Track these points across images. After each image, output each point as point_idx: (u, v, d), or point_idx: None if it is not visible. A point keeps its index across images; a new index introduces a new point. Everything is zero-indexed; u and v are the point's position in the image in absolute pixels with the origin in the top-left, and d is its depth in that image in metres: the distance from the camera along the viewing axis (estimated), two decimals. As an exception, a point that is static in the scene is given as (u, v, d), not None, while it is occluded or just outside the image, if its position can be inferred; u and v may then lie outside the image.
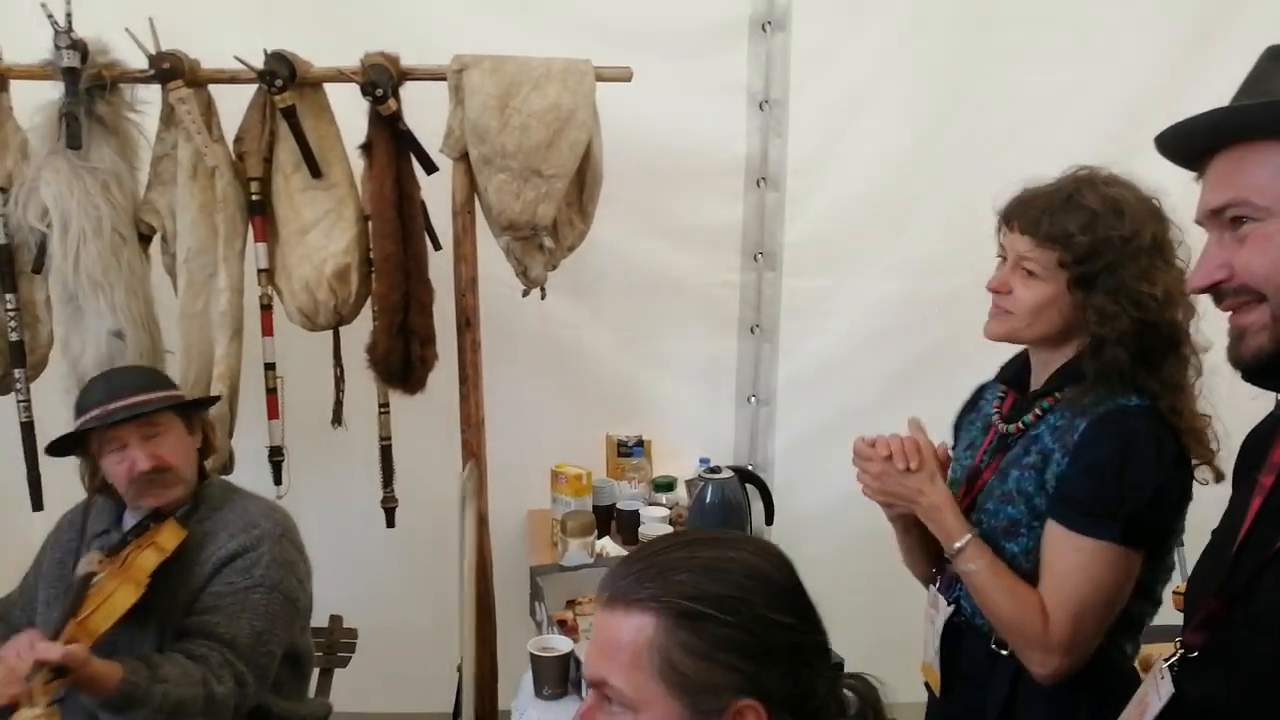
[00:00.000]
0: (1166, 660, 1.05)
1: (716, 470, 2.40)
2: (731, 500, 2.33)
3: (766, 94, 2.67)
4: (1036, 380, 1.51)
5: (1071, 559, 1.36)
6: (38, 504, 2.19)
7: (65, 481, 2.20)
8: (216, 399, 2.09)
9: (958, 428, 1.69)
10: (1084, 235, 1.36)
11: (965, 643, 1.54)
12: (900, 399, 1.65)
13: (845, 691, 1.01)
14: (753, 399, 2.85)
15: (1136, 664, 1.52)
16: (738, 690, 0.91)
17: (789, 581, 0.99)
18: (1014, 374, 1.57)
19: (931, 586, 1.61)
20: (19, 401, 2.15)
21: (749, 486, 2.48)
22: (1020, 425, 1.48)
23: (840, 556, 2.78)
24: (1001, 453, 1.51)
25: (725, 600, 0.92)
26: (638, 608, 0.94)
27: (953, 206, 2.63)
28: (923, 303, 2.73)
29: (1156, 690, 1.06)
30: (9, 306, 2.12)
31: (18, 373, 2.14)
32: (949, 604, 1.54)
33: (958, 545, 1.44)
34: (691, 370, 2.85)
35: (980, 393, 1.67)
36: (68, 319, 2.10)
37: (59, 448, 1.85)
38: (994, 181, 1.49)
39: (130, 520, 1.84)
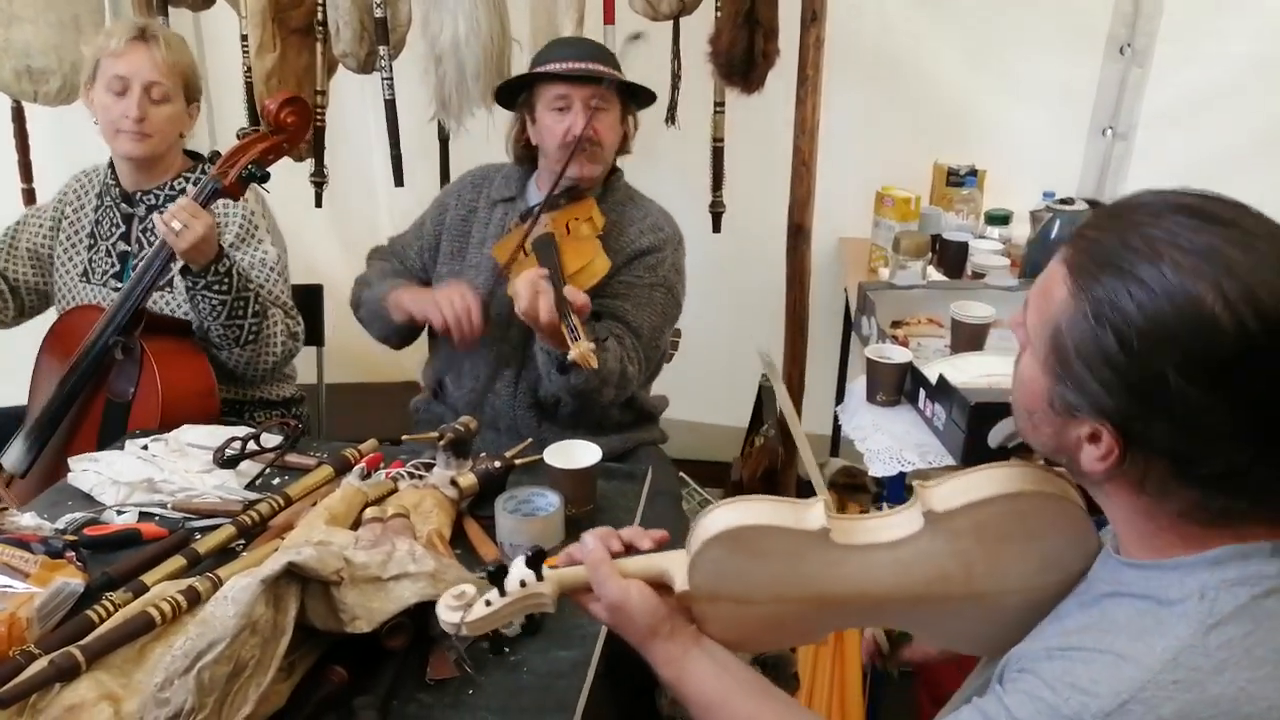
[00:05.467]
0: None
1: (1069, 202, 2.18)
2: (1084, 235, 2.12)
3: None
4: None
5: None
6: (399, 179, 2.33)
7: (418, 166, 2.35)
8: (653, 99, 1.96)
9: None
10: None
11: None
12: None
13: None
14: (1109, 131, 2.53)
15: None
16: (1101, 413, 0.79)
17: (1244, 346, 0.73)
18: None
19: None
20: (383, 79, 2.25)
21: (1102, 223, 2.25)
22: None
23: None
24: None
25: (1138, 333, 0.75)
26: (1069, 278, 0.83)
27: None
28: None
29: None
30: (373, -18, 2.18)
31: (381, 49, 2.23)
32: None
33: None
34: (1040, 95, 2.55)
35: None
36: (427, -4, 2.14)
37: (504, 93, 1.90)
38: None
39: (535, 194, 1.90)
